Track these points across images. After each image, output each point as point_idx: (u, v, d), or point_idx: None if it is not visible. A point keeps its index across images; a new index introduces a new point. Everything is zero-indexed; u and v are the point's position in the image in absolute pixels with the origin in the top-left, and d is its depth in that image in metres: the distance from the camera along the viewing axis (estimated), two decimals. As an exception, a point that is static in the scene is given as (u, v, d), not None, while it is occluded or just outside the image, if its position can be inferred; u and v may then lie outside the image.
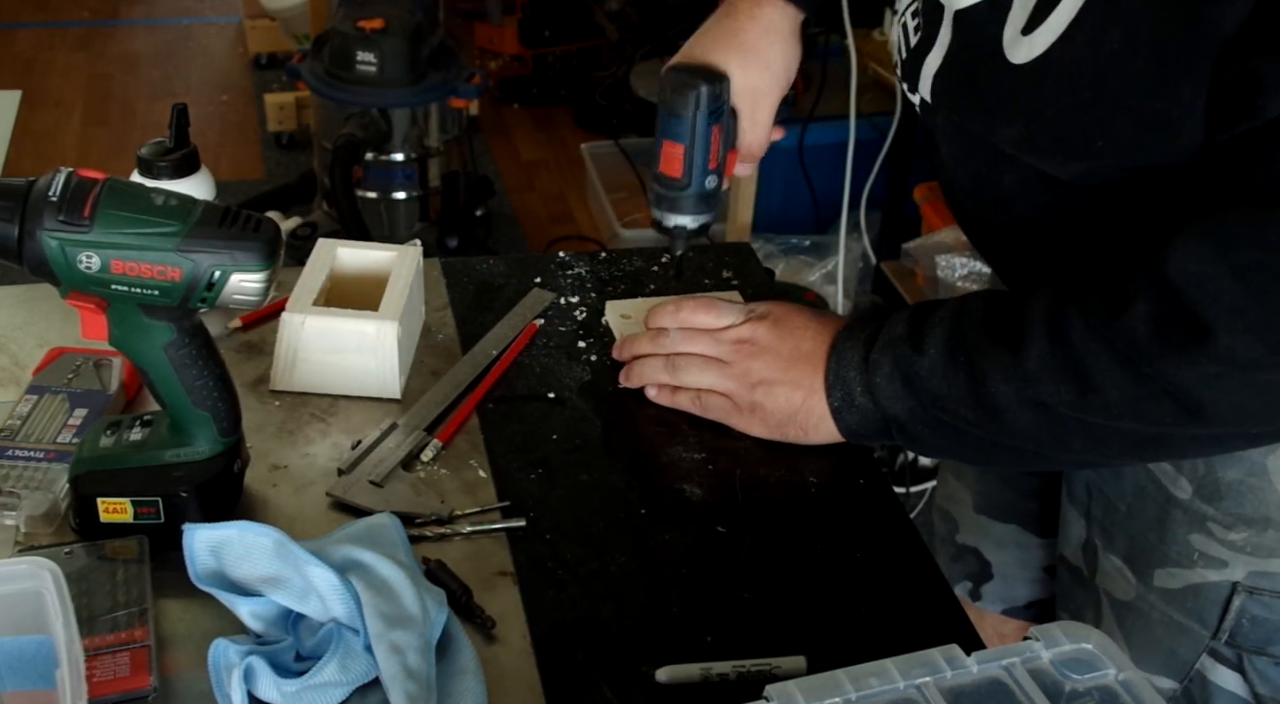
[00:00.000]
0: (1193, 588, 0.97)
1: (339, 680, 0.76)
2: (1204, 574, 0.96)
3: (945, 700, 0.67)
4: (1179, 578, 0.98)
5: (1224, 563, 0.95)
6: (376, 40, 2.69)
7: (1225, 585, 0.95)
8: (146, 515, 0.86)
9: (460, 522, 0.92)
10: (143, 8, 4.58)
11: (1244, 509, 0.93)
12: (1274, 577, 0.94)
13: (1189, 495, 0.95)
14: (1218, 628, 0.97)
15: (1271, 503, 0.92)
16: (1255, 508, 0.92)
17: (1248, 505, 0.92)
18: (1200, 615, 0.97)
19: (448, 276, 1.20)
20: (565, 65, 3.89)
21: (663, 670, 0.80)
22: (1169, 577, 0.98)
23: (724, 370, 0.99)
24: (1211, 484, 0.93)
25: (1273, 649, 0.96)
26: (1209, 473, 0.93)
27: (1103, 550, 1.04)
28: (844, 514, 0.96)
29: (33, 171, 0.79)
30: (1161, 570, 0.98)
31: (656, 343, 1.03)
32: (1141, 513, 0.99)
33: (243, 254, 0.79)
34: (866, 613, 0.88)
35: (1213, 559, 0.95)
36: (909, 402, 0.90)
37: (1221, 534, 0.94)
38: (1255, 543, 0.93)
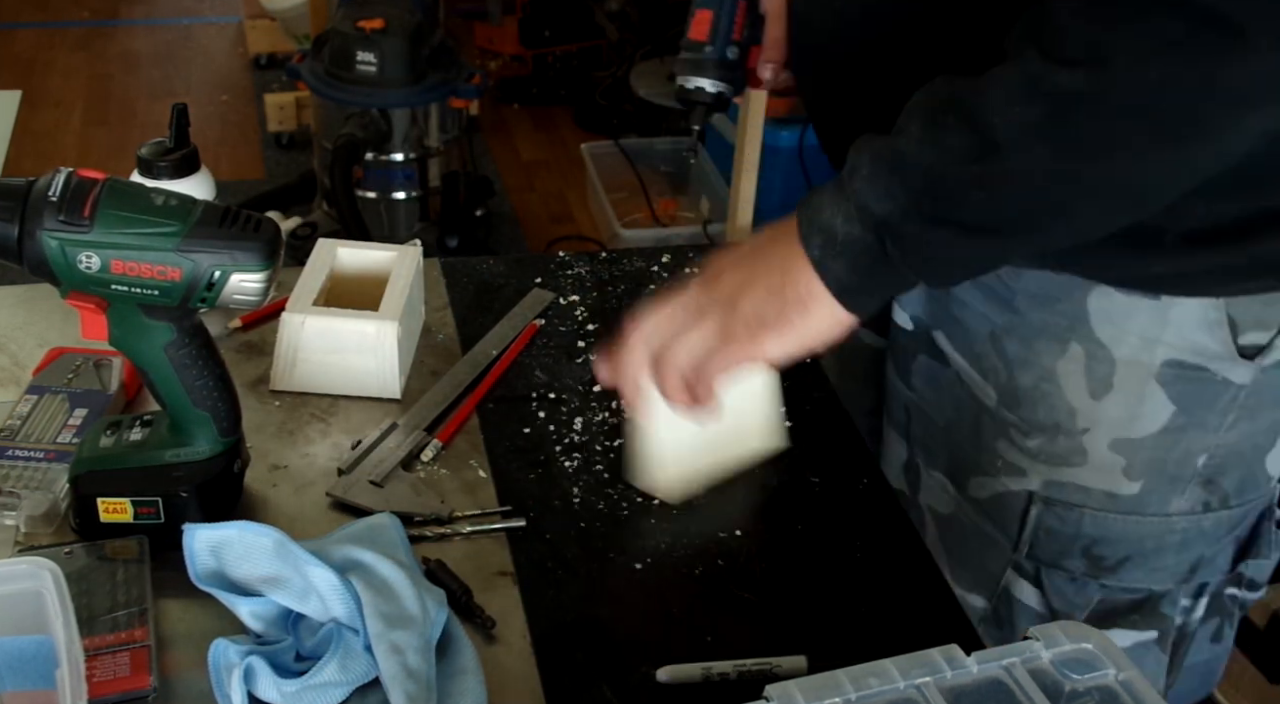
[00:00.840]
0: (997, 498, 1.01)
1: (339, 680, 0.76)
2: (1006, 483, 1.00)
3: (945, 700, 0.67)
4: (987, 487, 1.01)
5: (1022, 471, 0.99)
6: (376, 40, 2.69)
7: (1023, 495, 0.99)
8: (146, 515, 0.86)
9: (460, 522, 0.92)
10: (143, 8, 4.58)
11: (1037, 415, 0.96)
12: (1065, 487, 0.97)
13: (994, 403, 0.98)
14: (1018, 539, 1.00)
15: (1061, 409, 0.94)
16: (1047, 414, 0.95)
17: (1040, 411, 0.95)
18: (1004, 526, 1.01)
19: (448, 276, 1.20)
20: (565, 65, 3.89)
21: (663, 670, 0.80)
22: (980, 486, 1.02)
23: (699, 321, 0.85)
24: (1011, 390, 0.96)
25: (1066, 562, 0.99)
26: (1009, 379, 0.96)
27: (924, 467, 1.07)
28: (844, 514, 0.96)
29: (33, 171, 0.79)
30: (975, 479, 1.02)
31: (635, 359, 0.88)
32: (959, 425, 1.02)
33: (243, 254, 0.79)
34: (866, 613, 0.88)
35: (1013, 467, 0.99)
36: (899, 195, 0.78)
37: (1020, 441, 0.97)
38: (1049, 451, 0.97)
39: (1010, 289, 0.94)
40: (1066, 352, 0.94)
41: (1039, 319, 0.94)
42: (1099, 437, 0.95)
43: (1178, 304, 0.90)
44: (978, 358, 0.99)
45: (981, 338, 0.98)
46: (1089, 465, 0.96)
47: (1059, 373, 0.94)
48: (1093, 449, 0.96)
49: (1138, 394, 0.93)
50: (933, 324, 1.02)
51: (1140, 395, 0.93)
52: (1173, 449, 0.95)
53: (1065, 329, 0.93)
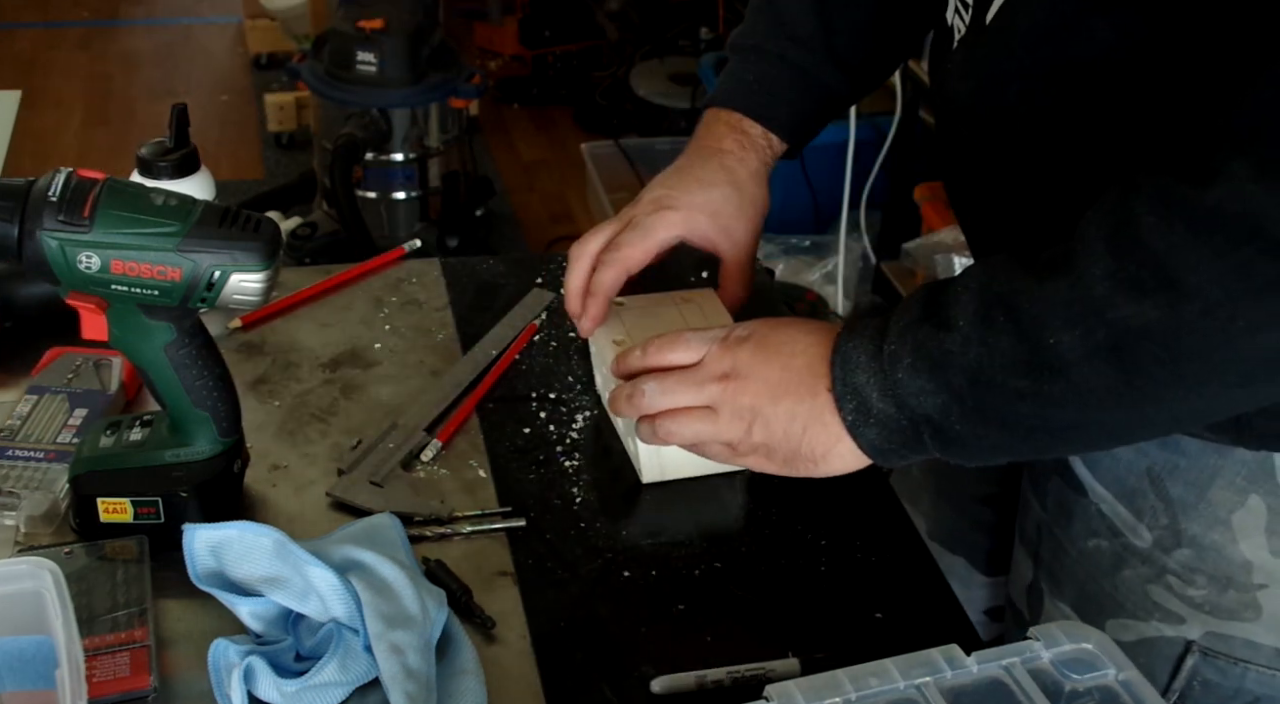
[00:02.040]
0: (1146, 642, 0.92)
1: (339, 680, 0.76)
2: (1159, 628, 0.91)
3: (945, 700, 0.67)
4: (1132, 630, 0.93)
5: (1181, 619, 0.90)
6: (376, 40, 2.69)
7: (1180, 643, 0.90)
8: (146, 515, 0.86)
9: (460, 522, 0.92)
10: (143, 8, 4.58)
11: (1205, 565, 0.88)
12: (1230, 640, 0.89)
13: (1148, 545, 0.90)
14: (1168, 687, 0.92)
15: (1235, 562, 0.87)
16: (1216, 565, 0.87)
17: (1209, 561, 0.88)
18: (1152, 671, 0.92)
19: (448, 276, 1.20)
20: (565, 65, 3.89)
21: (657, 681, 0.80)
22: (1121, 628, 0.93)
23: (714, 419, 0.83)
24: (1171, 535, 0.88)
25: None
26: (1171, 523, 0.88)
27: (1049, 595, 0.99)
28: (844, 514, 0.96)
29: (33, 171, 0.79)
30: (1114, 621, 0.93)
31: (633, 404, 0.87)
32: (1094, 559, 0.94)
33: (243, 254, 0.79)
34: (866, 613, 0.88)
35: (1169, 614, 0.90)
36: (941, 394, 0.74)
37: (1180, 589, 0.89)
38: (1214, 602, 0.88)
39: None
40: (1245, 503, 0.85)
41: (1213, 465, 0.85)
42: (1278, 594, 0.87)
43: None
44: (1129, 495, 0.90)
45: (1136, 474, 0.89)
46: (1262, 622, 0.88)
47: (1234, 524, 0.86)
48: (1268, 606, 0.87)
49: None
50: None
51: None
52: None
53: (1245, 479, 0.85)
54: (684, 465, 0.96)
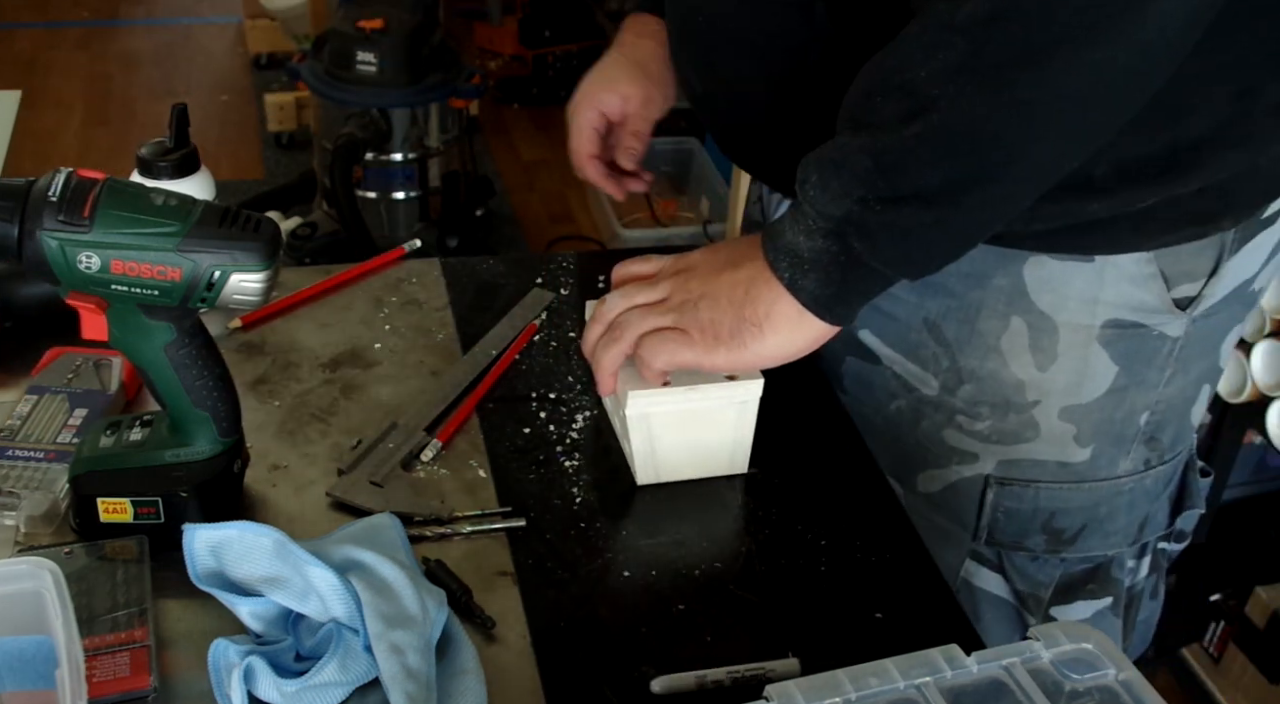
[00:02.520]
0: (951, 488, 1.00)
1: (339, 680, 0.76)
2: (959, 471, 0.99)
3: (945, 700, 0.67)
4: (938, 479, 1.01)
5: (975, 456, 0.98)
6: (376, 40, 2.70)
7: (978, 480, 0.99)
8: (146, 515, 0.86)
9: (460, 522, 0.92)
10: (143, 8, 4.58)
11: (986, 395, 0.96)
12: (1019, 464, 0.97)
13: (936, 392, 0.98)
14: (976, 527, 1.00)
15: (1009, 384, 0.95)
16: (995, 391, 0.95)
17: (989, 390, 0.95)
18: (960, 516, 1.01)
19: (448, 276, 1.20)
20: (565, 65, 3.89)
21: (657, 681, 0.80)
22: (929, 479, 1.01)
23: (664, 307, 0.88)
24: (954, 374, 0.96)
25: (1027, 541, 1.00)
26: (951, 364, 0.96)
27: None
28: (844, 514, 0.96)
29: (33, 171, 0.79)
30: (922, 474, 1.02)
31: (599, 318, 0.92)
32: (897, 422, 1.01)
33: (243, 254, 0.79)
34: (866, 613, 0.88)
35: (965, 454, 0.98)
36: (853, 188, 0.78)
37: (969, 425, 0.97)
38: (1000, 430, 0.97)
39: (942, 272, 0.91)
40: (1009, 326, 0.94)
41: (976, 298, 0.95)
42: (1049, 407, 0.96)
43: (1111, 263, 0.91)
44: (913, 349, 0.99)
45: (916, 327, 0.98)
46: (1041, 438, 0.97)
47: (1003, 348, 0.95)
48: (1044, 421, 0.96)
49: (1082, 358, 0.94)
50: (857, 324, 1.02)
51: (1085, 359, 0.94)
52: (1118, 410, 0.96)
53: (1004, 304, 0.94)
54: (679, 467, 0.96)
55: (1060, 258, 0.92)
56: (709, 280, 0.87)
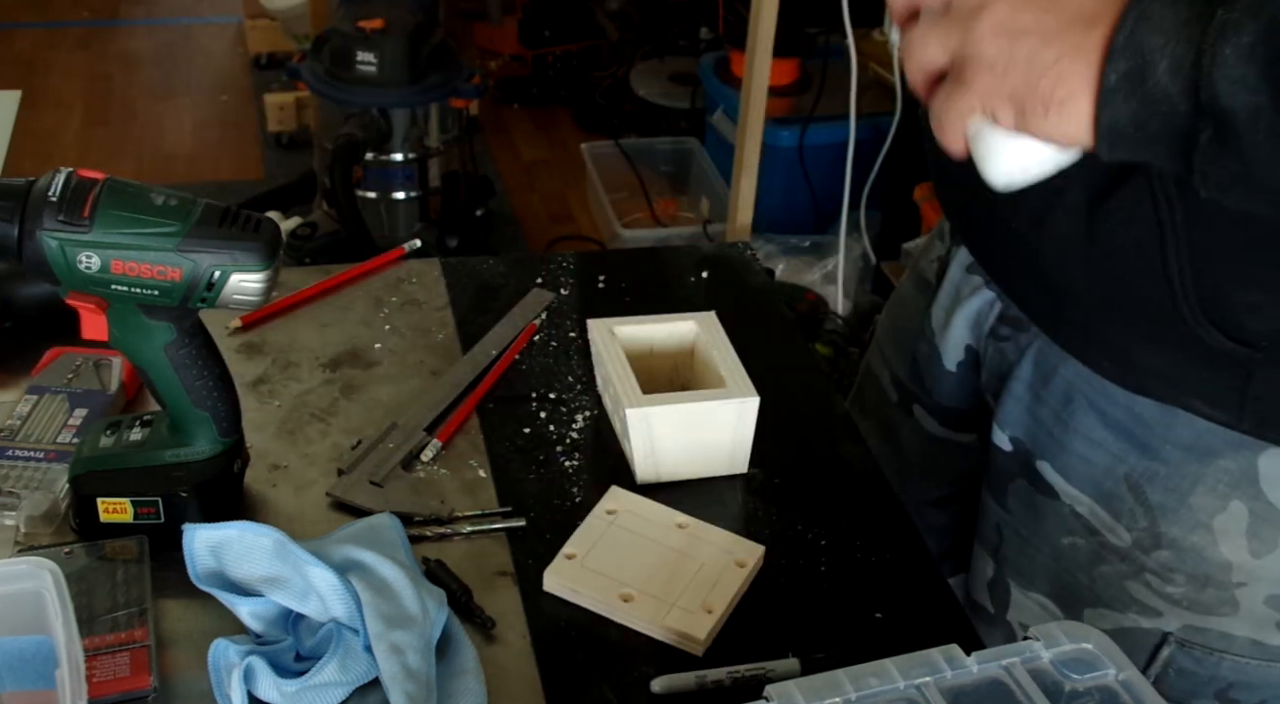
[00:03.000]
0: (1122, 631, 0.93)
1: (339, 680, 0.76)
2: (1136, 620, 0.92)
3: (945, 700, 0.67)
4: (1109, 620, 0.93)
5: (1158, 613, 0.91)
6: (376, 40, 2.69)
7: (1156, 634, 0.92)
8: (146, 515, 0.86)
9: (460, 522, 0.92)
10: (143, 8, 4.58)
11: (1184, 565, 0.88)
12: (1207, 633, 0.90)
13: (1127, 545, 0.90)
14: (1143, 672, 0.92)
15: (1214, 562, 0.88)
16: (1196, 565, 0.88)
17: (1189, 562, 0.88)
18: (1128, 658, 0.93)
19: (448, 276, 1.20)
20: (565, 65, 3.89)
21: (657, 681, 0.80)
22: (1098, 617, 0.94)
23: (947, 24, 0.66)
24: (1151, 536, 0.89)
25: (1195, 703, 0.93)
26: (1150, 526, 0.89)
27: (1018, 588, 1.00)
28: (844, 514, 0.96)
29: (33, 171, 0.79)
30: (1091, 610, 0.94)
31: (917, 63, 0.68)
32: (1070, 555, 0.94)
33: (243, 254, 0.79)
34: (866, 613, 0.88)
35: (1147, 608, 0.91)
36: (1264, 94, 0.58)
37: (1159, 586, 0.90)
38: (1192, 599, 0.89)
39: (1155, 435, 0.87)
40: (1227, 508, 0.86)
41: (1193, 472, 0.86)
42: (1255, 591, 0.88)
43: None
44: (1107, 498, 0.91)
45: (1114, 478, 0.90)
46: (1239, 616, 0.89)
47: (1215, 528, 0.86)
48: (1246, 602, 0.88)
49: None
50: (1036, 452, 0.95)
51: None
52: None
53: (1227, 486, 0.85)
54: (679, 467, 0.96)
55: None
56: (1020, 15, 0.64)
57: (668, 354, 1.04)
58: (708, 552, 0.89)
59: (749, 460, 0.98)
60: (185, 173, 3.40)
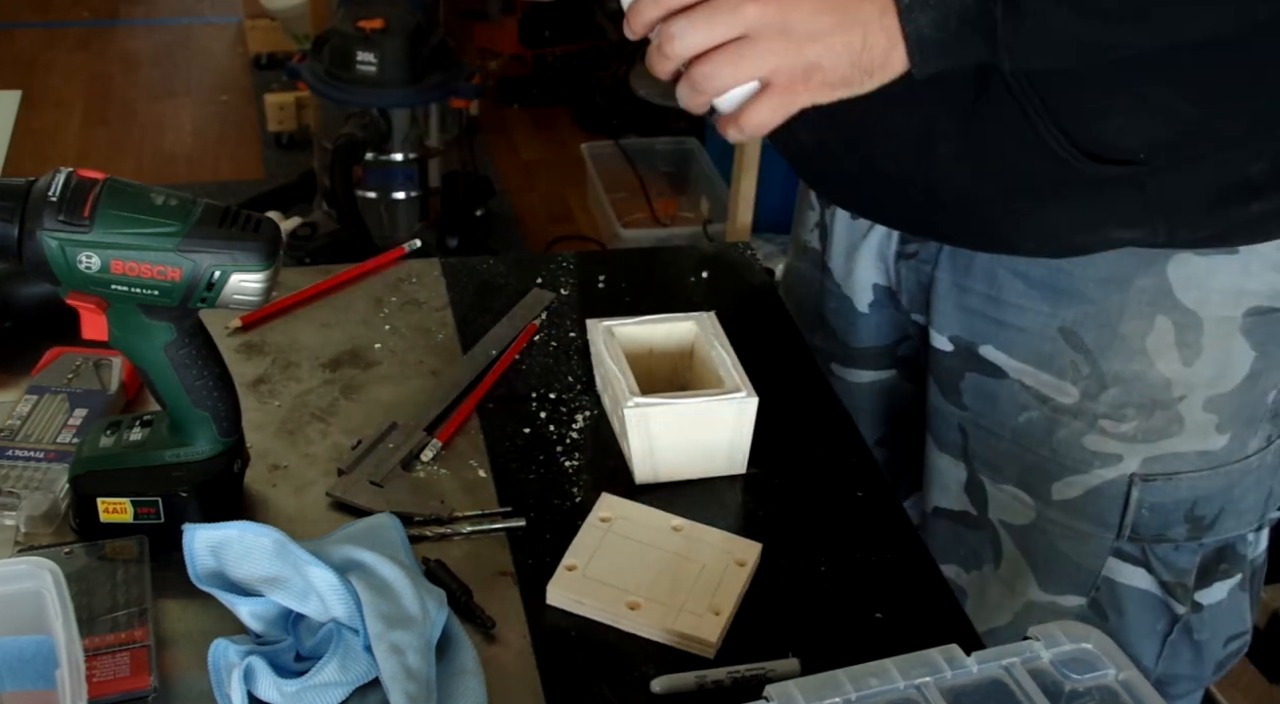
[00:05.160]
0: (1091, 492, 0.98)
1: (339, 680, 0.76)
2: (1101, 474, 0.98)
3: (945, 700, 0.67)
4: (1076, 485, 0.99)
5: (1118, 457, 0.97)
6: (376, 40, 2.69)
7: (1122, 480, 0.97)
8: (146, 515, 0.86)
9: (460, 522, 0.92)
10: (143, 8, 4.58)
11: (1132, 397, 0.94)
12: (1165, 459, 0.96)
13: (1076, 399, 0.96)
14: (1120, 525, 0.98)
15: (1156, 383, 0.94)
16: (1142, 392, 0.94)
17: (1135, 392, 0.94)
18: (1102, 518, 0.99)
19: (448, 277, 1.20)
20: (565, 65, 3.89)
21: (657, 681, 0.80)
22: (1066, 487, 0.99)
23: (753, 48, 0.74)
24: (1096, 380, 0.95)
25: (1171, 532, 0.98)
26: (1093, 370, 0.94)
27: (990, 483, 1.04)
28: (843, 514, 0.96)
29: (33, 171, 0.79)
30: (1059, 483, 0.99)
31: (665, 53, 0.76)
32: (1028, 431, 0.99)
33: (243, 254, 0.79)
34: (866, 613, 0.88)
35: (1107, 456, 0.97)
36: None
37: (1113, 428, 0.96)
38: (1145, 428, 0.95)
39: (1075, 278, 0.93)
40: (1154, 326, 0.92)
41: (1116, 301, 0.93)
42: (1194, 401, 0.95)
43: (1256, 253, 0.91)
44: (1046, 359, 0.97)
45: (1049, 337, 0.96)
46: (1185, 431, 0.96)
47: (1149, 349, 0.93)
48: (1189, 414, 0.95)
49: (1226, 349, 0.93)
50: (977, 340, 1.00)
51: (1228, 349, 0.93)
52: (1251, 392, 0.96)
53: (1148, 304, 0.92)
54: (679, 467, 0.96)
55: (1205, 253, 0.90)
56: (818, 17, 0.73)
57: (667, 354, 1.04)
58: (707, 553, 0.89)
59: (748, 460, 0.98)
60: (185, 173, 3.40)
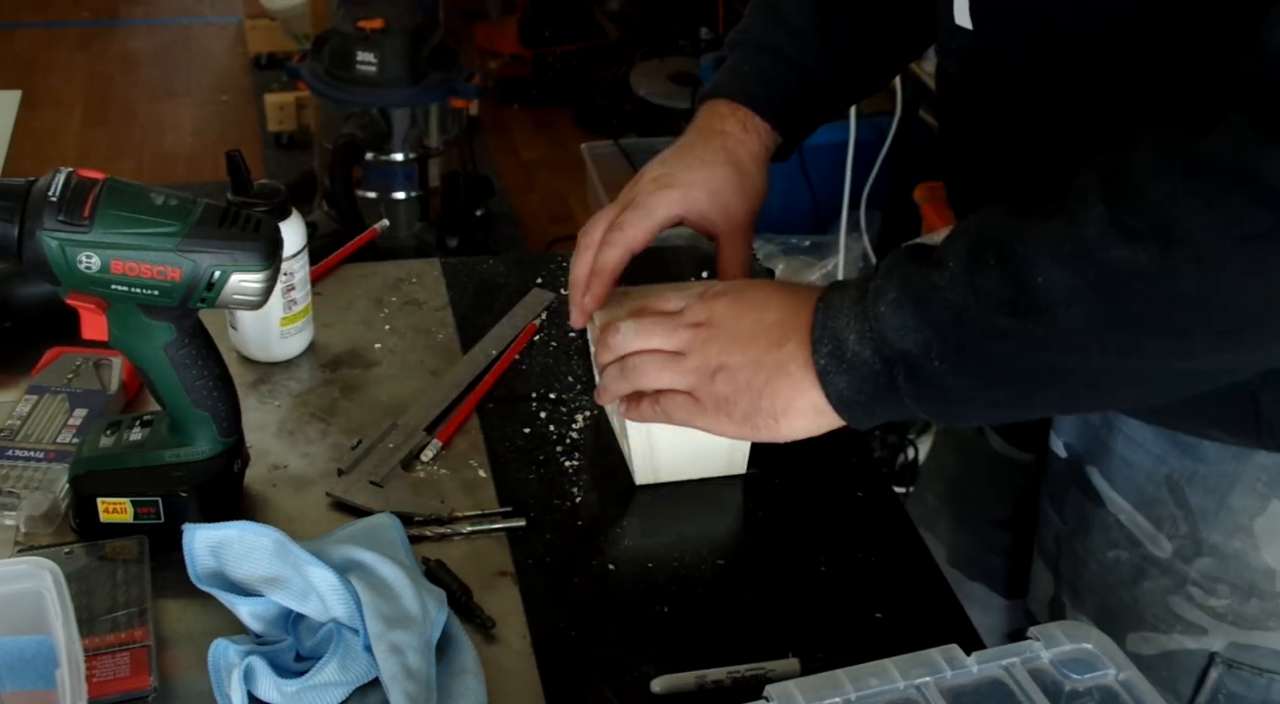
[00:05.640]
0: (1168, 655, 0.92)
1: (339, 680, 0.76)
2: (1181, 641, 0.91)
3: (945, 700, 0.67)
4: (1153, 643, 0.92)
5: (1203, 630, 0.89)
6: (376, 40, 2.69)
7: (1203, 655, 0.90)
8: (146, 515, 0.86)
9: (460, 522, 0.92)
10: (143, 8, 4.58)
11: (1227, 574, 0.87)
12: (1254, 650, 0.88)
13: (1168, 555, 0.89)
14: (1192, 700, 0.92)
15: (1257, 569, 0.86)
16: (1239, 573, 0.87)
17: (1231, 570, 0.87)
18: (1175, 686, 0.92)
19: (448, 276, 1.20)
20: (565, 65, 3.89)
21: (657, 681, 0.80)
22: (1143, 641, 0.93)
23: (681, 364, 0.83)
24: (1192, 543, 0.88)
25: None
26: (1191, 531, 0.87)
27: (1070, 609, 0.98)
28: (844, 514, 0.96)
29: (33, 171, 0.79)
30: (1135, 634, 0.93)
31: (608, 346, 0.87)
32: (1114, 570, 0.93)
33: (243, 254, 0.79)
34: (866, 613, 0.88)
35: (1191, 625, 0.90)
36: (923, 330, 0.71)
37: (1202, 599, 0.88)
38: (1237, 612, 0.88)
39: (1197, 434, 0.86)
40: (1266, 509, 0.84)
41: (1233, 470, 0.85)
42: None
43: None
44: (1149, 504, 0.89)
45: (1156, 482, 0.89)
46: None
47: (1256, 531, 0.85)
48: None
49: None
50: (1087, 458, 0.94)
51: None
52: None
53: (1266, 484, 0.84)
54: (678, 468, 0.96)
55: None
56: (731, 350, 0.81)
57: None
58: None
59: (748, 460, 0.98)
60: (185, 173, 3.40)
